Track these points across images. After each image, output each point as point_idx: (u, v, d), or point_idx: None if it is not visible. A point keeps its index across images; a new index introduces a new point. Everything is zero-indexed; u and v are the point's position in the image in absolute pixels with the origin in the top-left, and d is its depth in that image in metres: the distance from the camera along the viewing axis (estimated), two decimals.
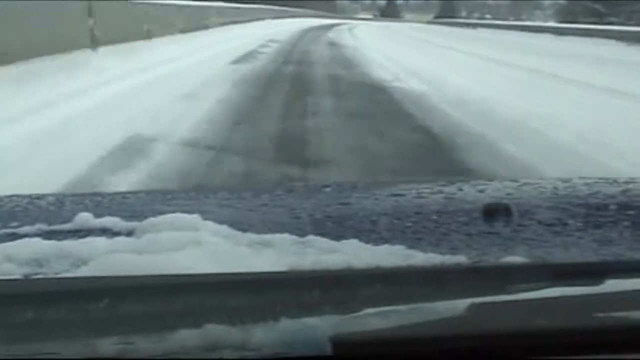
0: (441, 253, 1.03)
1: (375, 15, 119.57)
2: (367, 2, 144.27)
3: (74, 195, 1.47)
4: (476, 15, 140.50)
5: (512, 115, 8.73)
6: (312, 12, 72.05)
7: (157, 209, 1.24)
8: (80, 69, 11.07)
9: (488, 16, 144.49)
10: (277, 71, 14.51)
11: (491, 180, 1.66)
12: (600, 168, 5.65)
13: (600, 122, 8.23)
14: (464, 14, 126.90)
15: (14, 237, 1.12)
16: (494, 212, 1.23)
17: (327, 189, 1.55)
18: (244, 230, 1.10)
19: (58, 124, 7.43)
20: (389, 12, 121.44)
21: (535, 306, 0.80)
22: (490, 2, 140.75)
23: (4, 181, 5.00)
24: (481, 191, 1.47)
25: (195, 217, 1.13)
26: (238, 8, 33.32)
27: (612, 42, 24.26)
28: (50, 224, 1.20)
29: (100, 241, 1.08)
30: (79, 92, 9.46)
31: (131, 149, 6.43)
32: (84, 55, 11.99)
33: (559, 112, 8.86)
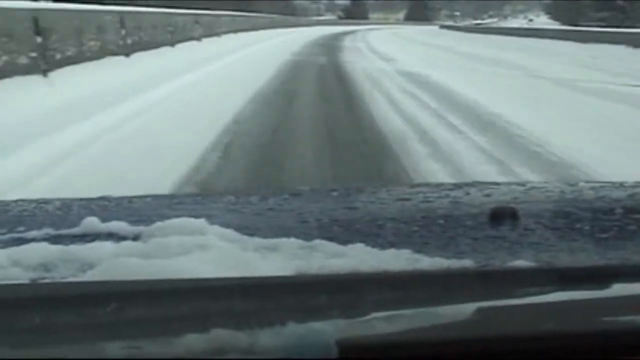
0: (447, 257, 1.03)
1: (339, 17, 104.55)
2: (326, 1, 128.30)
3: (80, 199, 1.48)
4: (444, 12, 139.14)
5: None
6: (273, 18, 52.17)
7: (163, 214, 1.24)
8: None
9: (457, 13, 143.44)
10: None
11: (498, 184, 1.66)
12: None
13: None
14: (433, 12, 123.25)
15: (21, 241, 1.13)
16: (501, 216, 1.23)
17: (334, 193, 1.55)
18: (251, 235, 1.10)
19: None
20: (356, 13, 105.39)
21: (541, 310, 0.80)
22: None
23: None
24: (487, 195, 1.46)
25: (201, 222, 1.13)
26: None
27: None
28: (57, 228, 1.20)
29: (107, 245, 1.08)
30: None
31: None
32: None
33: None
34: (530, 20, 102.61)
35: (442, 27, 72.19)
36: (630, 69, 16.86)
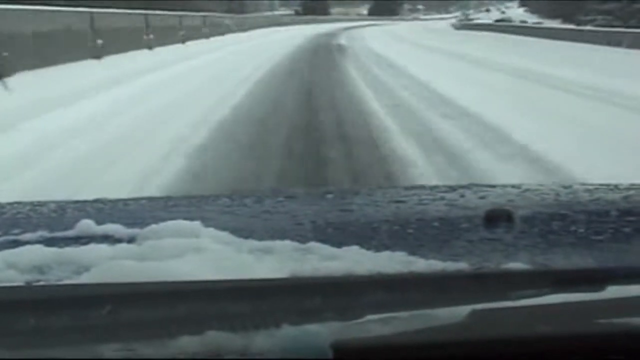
0: (443, 259, 1.03)
1: (297, 12, 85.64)
2: None
3: (75, 202, 1.48)
4: (407, 7, 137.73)
5: None
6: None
7: (158, 216, 1.24)
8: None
9: (420, 7, 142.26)
10: None
11: (493, 186, 1.66)
12: None
13: None
14: (395, 6, 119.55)
15: (16, 244, 1.12)
16: (496, 218, 1.23)
17: (329, 196, 1.55)
18: (245, 237, 1.10)
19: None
20: (315, 7, 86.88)
21: (536, 312, 0.80)
22: None
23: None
24: (483, 197, 1.47)
25: (196, 224, 1.13)
26: None
27: None
28: (52, 230, 1.20)
29: (102, 248, 1.08)
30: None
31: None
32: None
33: None
34: (503, 12, 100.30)
35: (463, 26, 56.50)
36: None
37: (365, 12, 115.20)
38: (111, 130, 8.74)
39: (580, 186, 1.56)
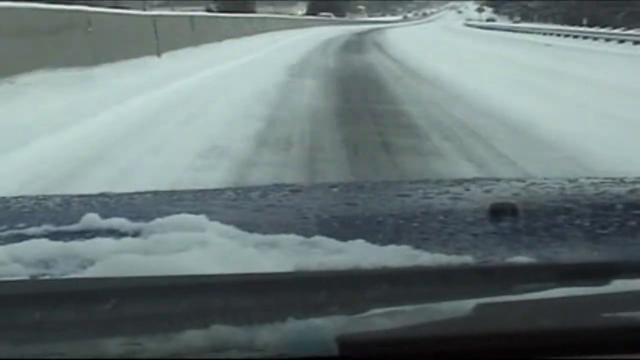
0: (447, 253, 1.03)
1: (209, 10, 51.77)
2: None
3: (80, 196, 1.48)
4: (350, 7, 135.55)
5: None
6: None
7: (163, 210, 1.24)
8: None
9: (361, 7, 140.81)
10: None
11: (498, 180, 1.66)
12: None
13: None
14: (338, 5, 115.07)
15: (21, 238, 1.13)
16: (501, 212, 1.22)
17: (334, 189, 1.55)
18: (251, 231, 1.10)
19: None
20: (236, 5, 59.96)
21: (541, 306, 0.80)
22: None
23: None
24: (488, 191, 1.46)
25: (201, 218, 1.13)
26: None
27: None
28: (57, 224, 1.20)
29: (107, 242, 1.08)
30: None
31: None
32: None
33: None
34: (460, 12, 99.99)
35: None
36: None
37: (300, 12, 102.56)
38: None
39: (586, 180, 1.56)
